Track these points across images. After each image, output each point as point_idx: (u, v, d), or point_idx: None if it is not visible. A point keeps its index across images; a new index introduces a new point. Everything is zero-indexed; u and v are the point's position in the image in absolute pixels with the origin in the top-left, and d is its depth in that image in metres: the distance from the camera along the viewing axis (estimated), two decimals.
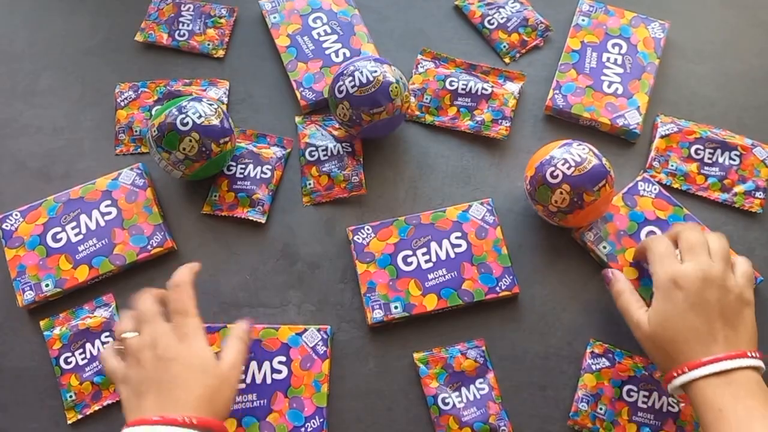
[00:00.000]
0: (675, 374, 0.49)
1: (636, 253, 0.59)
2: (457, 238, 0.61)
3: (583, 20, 0.71)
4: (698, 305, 0.48)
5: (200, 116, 0.59)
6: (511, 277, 0.60)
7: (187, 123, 0.58)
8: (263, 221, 0.63)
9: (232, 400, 0.49)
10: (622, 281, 0.56)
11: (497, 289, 0.59)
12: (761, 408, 0.45)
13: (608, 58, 0.69)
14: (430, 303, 0.59)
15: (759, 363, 0.48)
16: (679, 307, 0.49)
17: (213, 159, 0.60)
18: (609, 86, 0.68)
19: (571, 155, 0.56)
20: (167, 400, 0.45)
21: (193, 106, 0.59)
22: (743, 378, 0.47)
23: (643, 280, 0.59)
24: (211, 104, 0.60)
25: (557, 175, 0.56)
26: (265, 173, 0.65)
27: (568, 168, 0.55)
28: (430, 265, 0.60)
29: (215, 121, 0.59)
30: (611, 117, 0.66)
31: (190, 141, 0.58)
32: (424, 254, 0.61)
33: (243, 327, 0.53)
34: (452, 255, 0.60)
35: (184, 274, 0.51)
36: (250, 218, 0.63)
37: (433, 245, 0.61)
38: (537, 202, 0.58)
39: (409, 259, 0.60)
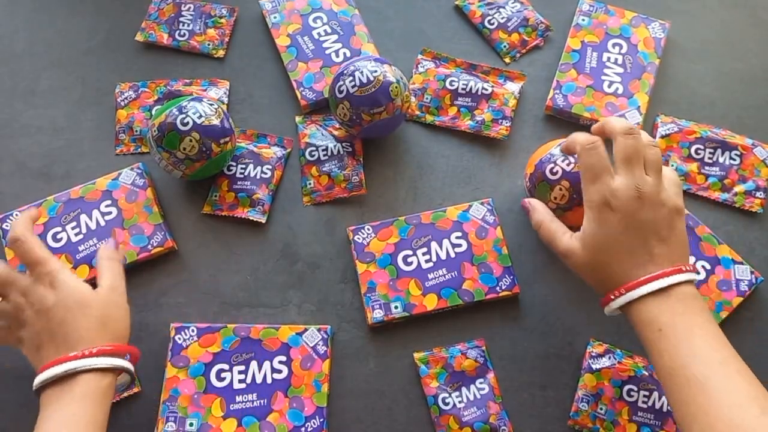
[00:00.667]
0: (612, 297, 0.48)
1: (565, 146, 0.54)
2: (457, 237, 0.61)
3: (583, 20, 0.71)
4: (633, 226, 0.47)
5: (201, 116, 0.59)
6: (511, 277, 0.60)
7: (188, 123, 0.58)
8: (263, 221, 0.63)
9: (126, 319, 0.51)
10: (540, 210, 0.53)
11: (497, 289, 0.59)
12: (700, 321, 0.45)
13: (608, 58, 0.69)
14: (431, 303, 0.59)
15: (694, 276, 0.47)
16: (613, 230, 0.47)
17: (213, 159, 0.60)
18: (609, 86, 0.68)
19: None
20: (62, 344, 0.47)
21: (193, 106, 0.59)
22: (680, 293, 0.46)
23: None
24: (211, 104, 0.60)
25: (557, 172, 0.55)
26: (266, 173, 0.65)
27: (568, 164, 0.55)
28: (431, 264, 0.60)
29: (215, 121, 0.59)
30: (611, 116, 0.66)
31: (191, 141, 0.58)
32: (424, 254, 0.61)
33: (109, 246, 0.55)
34: (452, 255, 0.60)
35: (19, 225, 0.51)
36: (251, 218, 0.63)
37: (434, 245, 0.61)
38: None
39: (409, 259, 0.60)
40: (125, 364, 0.49)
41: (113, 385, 0.49)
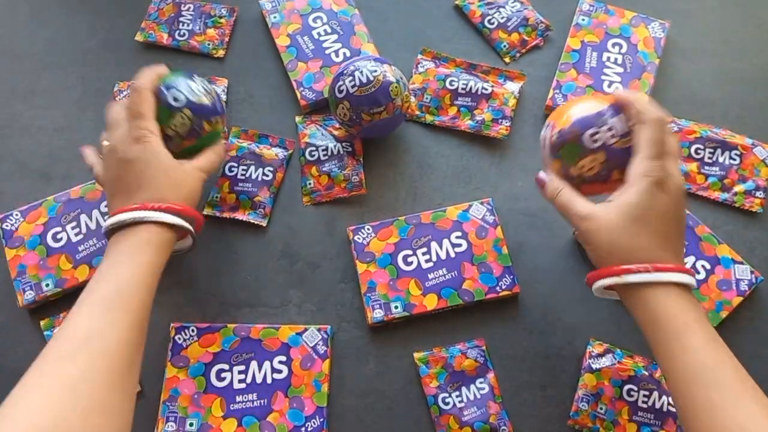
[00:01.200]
0: (633, 269, 0.45)
1: (626, 99, 0.49)
2: (457, 237, 0.61)
3: (583, 20, 0.71)
4: (676, 214, 0.47)
5: (193, 94, 0.57)
6: (511, 276, 0.60)
7: (180, 99, 0.56)
8: (264, 224, 0.63)
9: (198, 191, 0.54)
10: (557, 180, 0.51)
11: (497, 288, 0.59)
12: (713, 331, 0.44)
13: (608, 58, 0.69)
14: (431, 303, 0.59)
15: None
16: (660, 208, 0.45)
17: (203, 137, 0.58)
18: (609, 86, 0.68)
19: (621, 123, 0.49)
20: (134, 195, 0.50)
21: (185, 82, 0.57)
22: (694, 297, 0.45)
23: None
24: (203, 82, 0.59)
25: (598, 140, 0.48)
26: (267, 175, 0.65)
27: (612, 137, 0.48)
28: (431, 264, 0.60)
29: (207, 101, 0.57)
30: None
31: (182, 118, 0.56)
32: (424, 254, 0.61)
33: (222, 144, 0.58)
34: (452, 255, 0.60)
35: (143, 77, 0.54)
36: (251, 221, 0.63)
37: (434, 245, 0.61)
38: (557, 158, 0.51)
39: (409, 259, 0.60)
40: (188, 226, 0.52)
41: (172, 243, 0.52)
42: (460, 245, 0.61)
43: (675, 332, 0.43)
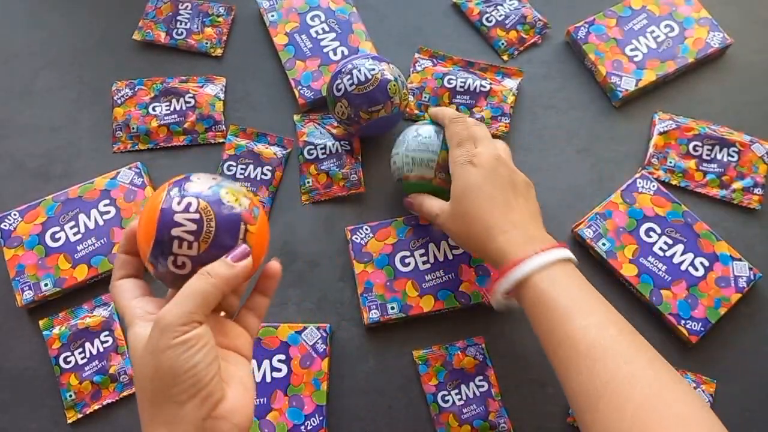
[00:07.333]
0: (506, 272, 0.49)
1: (433, 113, 0.59)
2: None
3: None
4: (491, 177, 0.52)
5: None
6: None
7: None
8: None
9: (154, 374, 0.36)
10: (412, 196, 0.59)
11: None
12: (591, 290, 0.47)
13: (653, 32, 0.70)
14: (427, 304, 0.59)
15: (572, 256, 0.50)
16: (474, 180, 0.52)
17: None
18: (632, 50, 0.69)
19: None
20: (153, 401, 0.37)
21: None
22: (548, 253, 0.48)
23: (643, 277, 0.59)
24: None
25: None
26: (266, 174, 0.65)
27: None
28: (428, 266, 0.60)
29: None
30: (609, 70, 0.68)
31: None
32: (422, 255, 0.61)
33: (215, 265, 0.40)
34: (450, 257, 0.60)
35: (112, 278, 0.42)
36: None
37: (431, 246, 0.61)
38: None
39: (406, 260, 0.60)
40: None
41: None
42: (458, 247, 0.61)
43: (546, 314, 0.46)
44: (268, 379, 0.56)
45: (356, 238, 0.61)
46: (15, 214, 0.62)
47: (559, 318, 0.45)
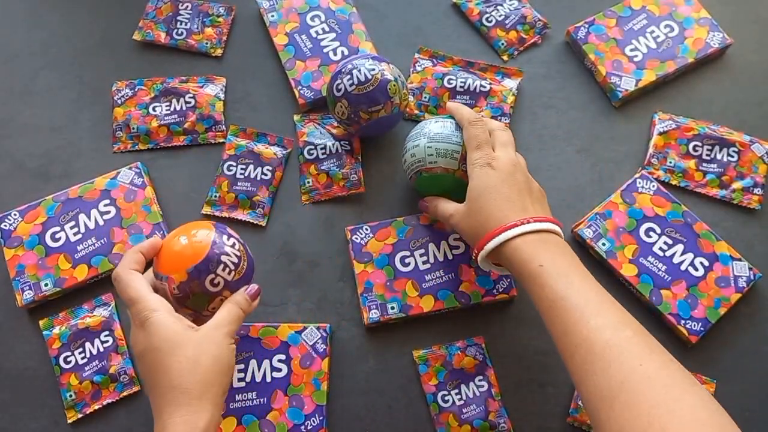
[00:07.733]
0: (492, 236, 0.51)
1: (452, 109, 0.59)
2: (455, 239, 0.61)
3: None
4: (509, 181, 0.53)
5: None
6: (509, 279, 0.60)
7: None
8: (263, 224, 0.63)
9: (224, 355, 0.47)
10: (428, 199, 0.60)
11: (494, 291, 0.59)
12: (575, 263, 0.50)
13: (653, 32, 0.70)
14: (427, 304, 0.59)
15: (560, 231, 0.52)
16: (492, 181, 0.53)
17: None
18: (632, 50, 0.69)
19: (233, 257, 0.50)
20: (155, 390, 0.46)
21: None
22: (555, 240, 0.51)
23: (642, 277, 0.59)
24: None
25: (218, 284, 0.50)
26: (266, 174, 0.65)
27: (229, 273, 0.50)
28: (428, 266, 0.60)
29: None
30: (609, 71, 0.68)
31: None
32: (422, 255, 0.61)
33: (243, 293, 0.50)
34: (450, 257, 0.60)
35: (121, 264, 0.50)
36: (250, 221, 0.63)
37: (431, 246, 0.61)
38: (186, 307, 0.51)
39: (406, 260, 0.60)
40: None
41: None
42: (458, 247, 0.61)
43: (528, 274, 0.49)
44: (268, 379, 0.56)
45: (356, 238, 0.61)
46: (15, 214, 0.62)
47: (552, 283, 0.48)
